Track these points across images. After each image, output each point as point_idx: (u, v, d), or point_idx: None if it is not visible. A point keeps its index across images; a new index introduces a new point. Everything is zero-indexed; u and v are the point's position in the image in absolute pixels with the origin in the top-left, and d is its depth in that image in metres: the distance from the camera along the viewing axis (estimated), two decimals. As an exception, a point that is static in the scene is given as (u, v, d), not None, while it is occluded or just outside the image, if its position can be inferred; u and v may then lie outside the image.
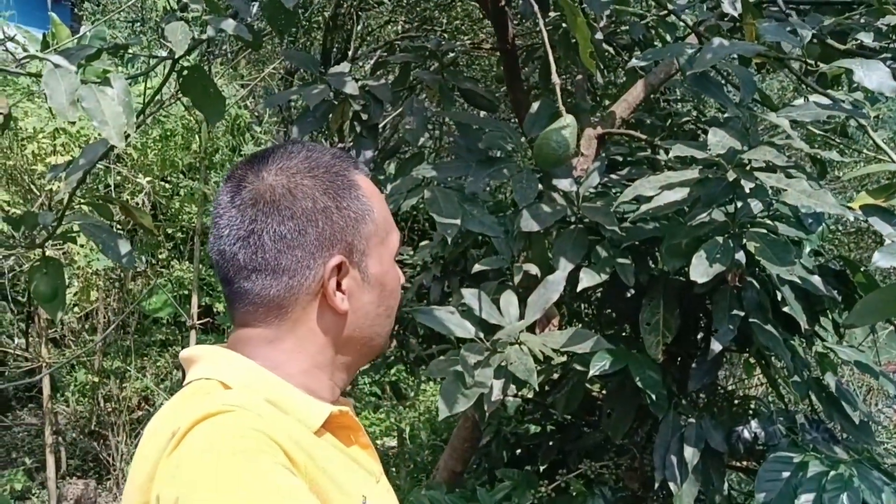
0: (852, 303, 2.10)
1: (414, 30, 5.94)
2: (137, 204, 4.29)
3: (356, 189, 0.86)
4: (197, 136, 4.45)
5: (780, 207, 1.97)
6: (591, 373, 1.89)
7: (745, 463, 2.14)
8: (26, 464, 5.33)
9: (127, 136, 1.69)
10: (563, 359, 1.84)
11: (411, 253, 3.50)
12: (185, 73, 2.11)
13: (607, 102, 3.73)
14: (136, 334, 5.63)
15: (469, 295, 1.77)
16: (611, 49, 3.36)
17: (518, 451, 3.25)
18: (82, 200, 2.44)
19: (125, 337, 5.41)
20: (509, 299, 1.80)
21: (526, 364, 1.61)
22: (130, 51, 2.09)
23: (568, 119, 1.37)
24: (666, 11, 3.05)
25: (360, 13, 5.72)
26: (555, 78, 1.39)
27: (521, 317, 1.78)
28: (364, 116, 2.08)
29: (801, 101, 1.78)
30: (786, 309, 1.97)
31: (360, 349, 0.89)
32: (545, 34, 1.42)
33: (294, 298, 0.83)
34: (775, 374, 2.07)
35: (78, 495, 4.19)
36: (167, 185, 4.61)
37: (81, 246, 4.10)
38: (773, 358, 2.10)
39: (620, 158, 2.68)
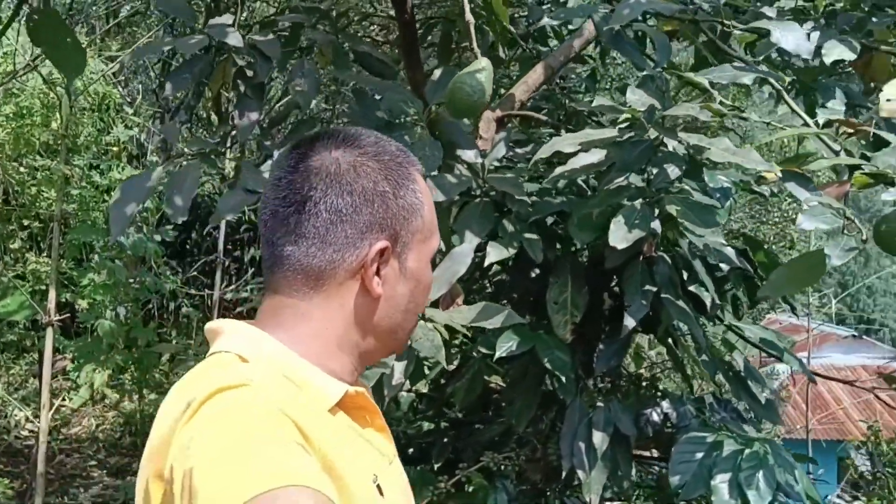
0: (753, 283, 2.09)
1: None
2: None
3: (414, 183, 0.88)
4: (58, 114, 4.01)
5: (687, 182, 1.91)
6: (497, 354, 1.76)
7: (651, 451, 2.08)
8: None
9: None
10: (462, 340, 1.69)
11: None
12: (35, 16, 1.82)
13: (502, 91, 3.67)
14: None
15: (368, 267, 1.59)
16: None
17: (410, 450, 3.10)
18: None
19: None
20: (412, 272, 1.64)
21: (433, 340, 1.45)
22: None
23: (483, 62, 1.23)
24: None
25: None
26: (468, 16, 1.24)
27: (425, 292, 1.61)
28: (249, 74, 1.86)
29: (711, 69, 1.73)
30: (692, 288, 1.92)
31: (384, 339, 0.90)
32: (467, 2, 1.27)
33: (333, 272, 0.84)
34: (682, 354, 2.01)
35: None
36: (22, 168, 4.14)
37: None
38: (680, 337, 2.04)
39: (515, 141, 2.59)
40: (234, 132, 2.03)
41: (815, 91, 1.82)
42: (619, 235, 1.46)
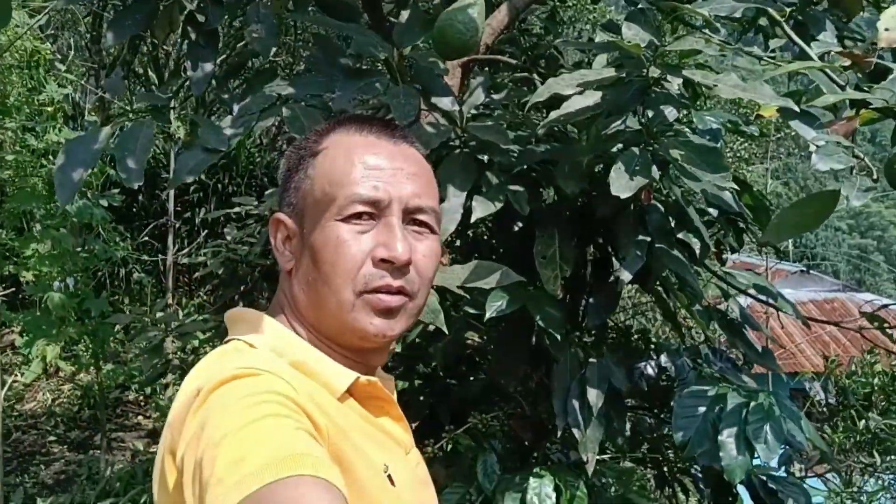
0: (739, 228, 2.02)
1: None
2: None
3: (309, 150, 0.89)
4: (-17, 73, 3.71)
5: (676, 126, 1.82)
6: (487, 314, 1.66)
7: (646, 403, 2.02)
8: None
9: None
10: (460, 292, 1.59)
11: (255, 204, 3.11)
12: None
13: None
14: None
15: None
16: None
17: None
18: None
19: None
20: (397, 233, 1.51)
21: (430, 304, 1.34)
22: None
23: (475, -6, 1.09)
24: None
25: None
26: (456, -57, 1.10)
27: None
28: (200, 20, 1.68)
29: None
30: (681, 235, 1.84)
31: (317, 317, 0.86)
32: None
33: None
34: (674, 303, 1.95)
35: None
36: (-53, 132, 3.83)
37: None
38: (669, 288, 1.97)
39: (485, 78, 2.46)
40: (185, 84, 1.85)
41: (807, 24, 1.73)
42: (622, 184, 1.36)
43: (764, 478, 2.01)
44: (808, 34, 1.74)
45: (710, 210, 1.89)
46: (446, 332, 1.36)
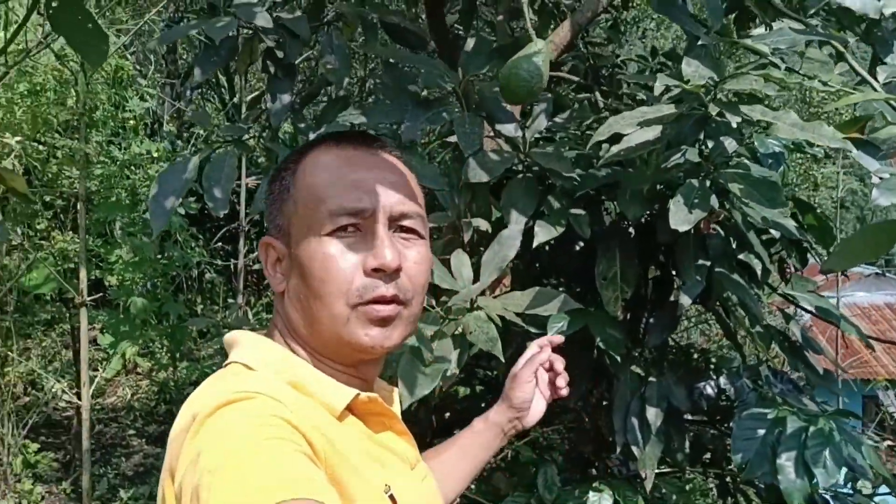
0: (803, 248, 2.02)
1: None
2: (10, 167, 3.78)
3: (288, 169, 0.89)
4: (73, 90, 3.95)
5: (737, 149, 1.84)
6: (548, 335, 1.72)
7: (707, 420, 2.05)
8: None
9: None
10: (518, 320, 1.65)
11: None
12: (55, 4, 1.75)
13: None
14: (16, 314, 5.08)
15: (417, 256, 1.55)
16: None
17: (447, 414, 3.09)
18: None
19: (3, 317, 4.87)
20: (461, 259, 1.59)
21: (487, 332, 1.42)
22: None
23: (539, 44, 1.16)
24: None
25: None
26: (524, 5, 1.17)
27: (476, 277, 1.58)
28: (279, 55, 1.79)
29: (760, 29, 1.64)
30: (742, 256, 1.86)
31: (311, 334, 0.86)
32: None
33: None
34: (735, 325, 1.97)
35: (-40, 497, 3.73)
36: (41, 147, 4.09)
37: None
38: (732, 309, 1.99)
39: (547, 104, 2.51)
40: (264, 115, 1.97)
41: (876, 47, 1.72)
42: (680, 217, 1.40)
43: (828, 496, 2.02)
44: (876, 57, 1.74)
45: (773, 231, 1.91)
46: (502, 360, 1.42)
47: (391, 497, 0.80)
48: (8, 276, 5.10)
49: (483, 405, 2.82)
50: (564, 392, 1.23)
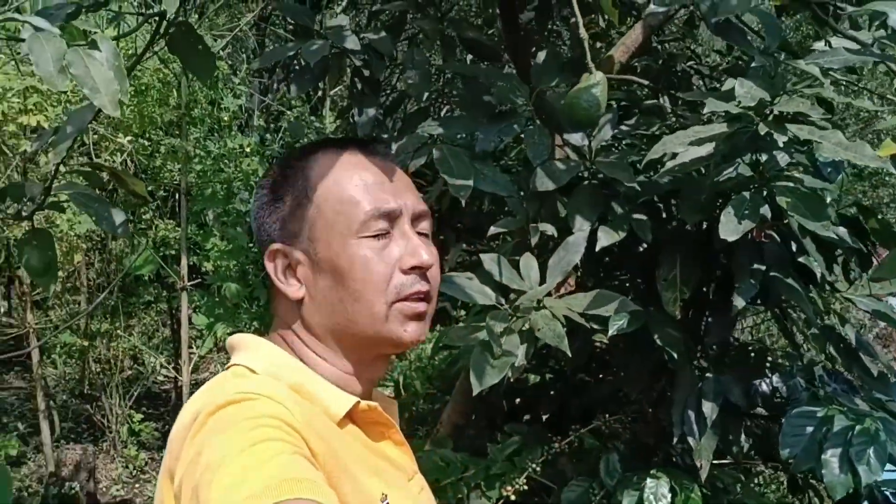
0: (865, 253, 2.08)
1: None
2: (120, 165, 4.15)
3: (300, 172, 0.88)
4: (175, 91, 4.28)
5: (796, 157, 1.91)
6: (609, 332, 1.86)
7: (761, 419, 2.15)
8: (19, 428, 5.29)
9: (121, 103, 1.58)
10: (581, 320, 1.79)
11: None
12: (173, 31, 1.99)
13: (598, 44, 3.62)
14: (120, 294, 5.53)
15: (489, 260, 1.71)
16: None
17: (517, 399, 3.24)
18: (70, 168, 2.33)
19: (109, 297, 5.31)
20: (529, 262, 1.75)
21: (554, 329, 1.57)
22: (110, 8, 1.96)
23: (598, 76, 1.30)
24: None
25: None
26: (583, 32, 1.31)
27: (542, 280, 1.73)
28: (365, 73, 1.98)
29: (820, 44, 1.71)
30: (801, 259, 1.94)
31: (342, 336, 0.86)
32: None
33: (273, 290, 0.89)
34: (791, 326, 2.05)
35: (77, 460, 4.16)
36: (146, 143, 4.45)
37: (63, 211, 3.96)
38: (788, 310, 2.08)
39: (614, 104, 2.60)
40: (348, 126, 2.16)
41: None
42: (730, 228, 1.51)
43: (889, 493, 2.09)
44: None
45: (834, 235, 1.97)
46: (569, 355, 1.57)
47: None
48: (113, 260, 5.55)
49: (552, 392, 2.96)
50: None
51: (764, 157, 1.63)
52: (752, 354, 2.08)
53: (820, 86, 1.50)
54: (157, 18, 1.98)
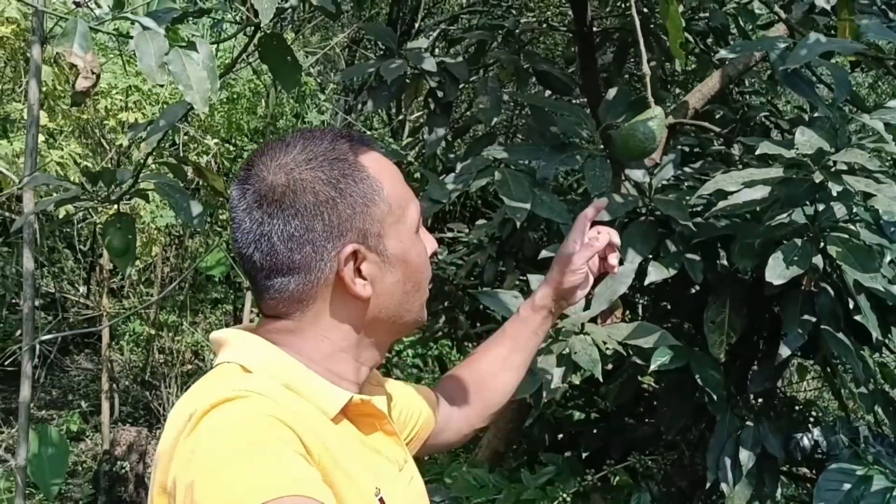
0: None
1: (479, 4, 5.90)
2: (205, 164, 4.38)
3: (360, 171, 0.84)
4: (263, 101, 4.50)
5: (860, 213, 1.90)
6: (651, 368, 1.87)
7: (801, 470, 2.11)
8: (82, 407, 5.56)
9: (210, 101, 1.72)
10: (620, 349, 1.82)
11: (466, 231, 3.51)
12: (265, 40, 2.14)
13: (677, 90, 3.65)
14: (190, 290, 5.78)
15: (535, 280, 1.77)
16: (687, 35, 3.28)
17: (560, 435, 3.25)
18: (158, 160, 2.50)
19: (180, 292, 5.56)
20: (575, 288, 1.79)
21: (590, 354, 1.60)
22: (213, 16, 2.12)
23: (656, 111, 1.34)
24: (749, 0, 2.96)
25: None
26: (646, 68, 1.37)
27: (587, 306, 1.77)
28: (439, 94, 2.08)
29: (893, 102, 1.72)
30: (858, 318, 1.92)
31: (389, 328, 0.89)
32: (637, 20, 1.39)
33: (313, 292, 0.83)
34: (840, 383, 2.02)
35: (130, 441, 4.35)
36: (231, 148, 4.69)
37: (147, 202, 4.20)
38: (838, 366, 2.05)
39: (687, 149, 2.62)
40: (419, 143, 2.26)
41: None
42: (777, 272, 1.53)
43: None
44: None
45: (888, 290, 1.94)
46: (601, 380, 1.60)
47: (381, 500, 0.80)
48: (189, 257, 5.81)
49: (594, 431, 2.96)
50: (616, 270, 1.19)
51: (821, 208, 1.64)
52: (797, 408, 2.05)
53: (883, 141, 1.50)
54: (252, 28, 2.14)
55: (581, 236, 1.17)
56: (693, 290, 2.16)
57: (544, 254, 1.84)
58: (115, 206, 2.27)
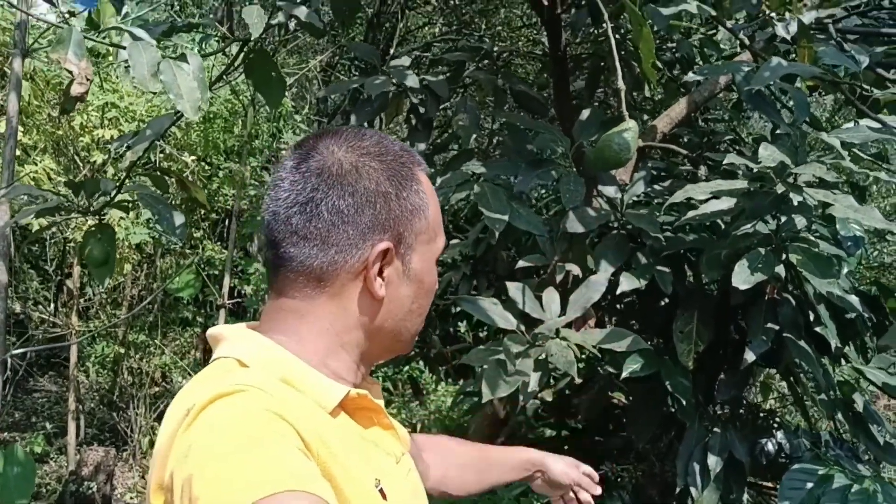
0: (883, 328, 2.14)
1: (453, 33, 6.04)
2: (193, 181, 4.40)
3: (417, 184, 0.87)
4: (240, 120, 4.55)
5: (819, 229, 2.01)
6: (623, 374, 1.94)
7: (765, 482, 2.18)
8: (46, 429, 5.45)
9: (201, 111, 1.77)
10: (594, 353, 1.89)
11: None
12: (251, 56, 2.19)
13: (645, 117, 3.79)
14: (161, 310, 5.74)
15: (514, 288, 1.83)
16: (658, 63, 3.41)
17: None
18: (140, 173, 2.53)
19: (148, 312, 5.52)
20: (551, 296, 1.86)
21: (567, 357, 1.67)
22: (201, 31, 2.18)
23: (630, 123, 1.43)
24: (714, 30, 3.11)
25: (404, 11, 5.82)
26: (620, 83, 1.45)
27: (562, 312, 1.84)
28: (421, 110, 2.15)
29: (850, 124, 1.83)
30: (818, 329, 2.01)
31: (387, 342, 0.89)
32: (613, 43, 1.48)
33: (335, 273, 0.83)
34: (802, 391, 2.10)
35: (98, 461, 4.28)
36: (207, 167, 4.71)
37: (122, 218, 4.20)
38: (800, 375, 2.14)
39: (655, 172, 2.72)
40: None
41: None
42: (742, 277, 1.61)
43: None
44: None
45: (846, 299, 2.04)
46: (577, 381, 1.66)
47: (381, 491, 0.81)
48: (160, 276, 5.77)
49: (566, 447, 3.01)
50: None
51: (783, 220, 1.73)
52: (761, 415, 2.13)
53: (840, 158, 1.60)
54: (239, 44, 2.20)
55: (571, 483, 1.29)
56: (662, 303, 2.25)
57: (521, 263, 1.91)
58: (97, 218, 2.29)
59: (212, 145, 4.48)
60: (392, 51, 5.57)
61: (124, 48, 1.77)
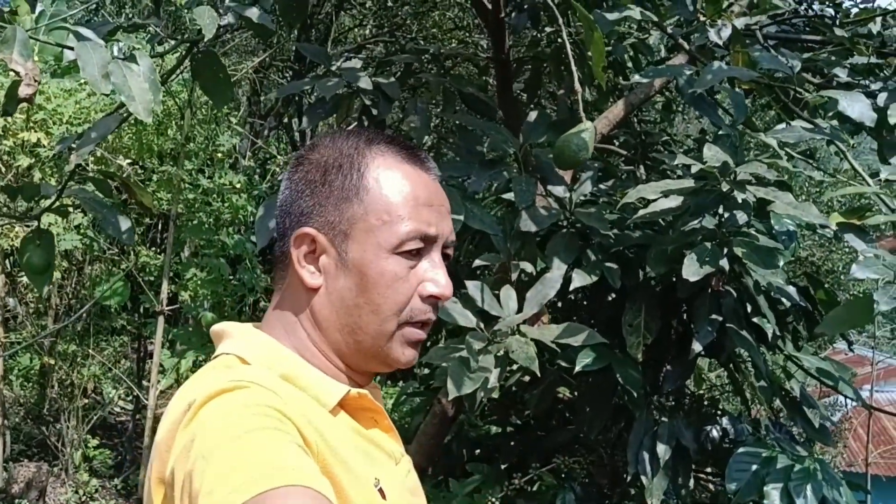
0: (813, 317, 2.28)
1: (385, 35, 6.06)
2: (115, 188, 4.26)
3: (355, 168, 0.84)
4: (174, 123, 4.45)
5: (755, 224, 2.12)
6: (577, 368, 2.00)
7: (709, 470, 2.29)
8: (-32, 446, 5.19)
9: (153, 113, 1.74)
10: (554, 347, 1.94)
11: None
12: (199, 56, 2.17)
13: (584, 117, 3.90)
14: (91, 319, 5.54)
15: (472, 287, 1.87)
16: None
17: (478, 450, 3.34)
18: (83, 176, 2.45)
19: (77, 322, 5.32)
20: (509, 293, 1.91)
21: (527, 352, 1.71)
22: (149, 30, 2.13)
23: (588, 124, 1.49)
24: (647, 34, 3.23)
25: (339, 12, 5.81)
26: (577, 86, 1.51)
27: (519, 309, 1.88)
28: (374, 112, 2.17)
29: (782, 125, 1.95)
30: (755, 319, 2.13)
31: (345, 337, 0.85)
32: (568, 45, 1.53)
33: (285, 261, 0.86)
34: (742, 378, 2.22)
35: (29, 477, 4.11)
36: (140, 170, 4.59)
37: (51, 224, 4.04)
38: (741, 364, 2.25)
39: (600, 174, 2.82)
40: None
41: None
42: (692, 270, 1.70)
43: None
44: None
45: (785, 301, 2.17)
46: (538, 376, 1.71)
47: (380, 490, 0.81)
48: (88, 284, 5.58)
49: (511, 443, 3.07)
50: None
51: (726, 216, 1.83)
52: (705, 403, 2.24)
53: (778, 157, 1.70)
54: (187, 44, 2.17)
55: None
56: (610, 298, 2.33)
57: (477, 262, 1.94)
58: (36, 223, 2.22)
59: (146, 148, 4.36)
60: (328, 50, 5.54)
61: (71, 48, 1.73)
